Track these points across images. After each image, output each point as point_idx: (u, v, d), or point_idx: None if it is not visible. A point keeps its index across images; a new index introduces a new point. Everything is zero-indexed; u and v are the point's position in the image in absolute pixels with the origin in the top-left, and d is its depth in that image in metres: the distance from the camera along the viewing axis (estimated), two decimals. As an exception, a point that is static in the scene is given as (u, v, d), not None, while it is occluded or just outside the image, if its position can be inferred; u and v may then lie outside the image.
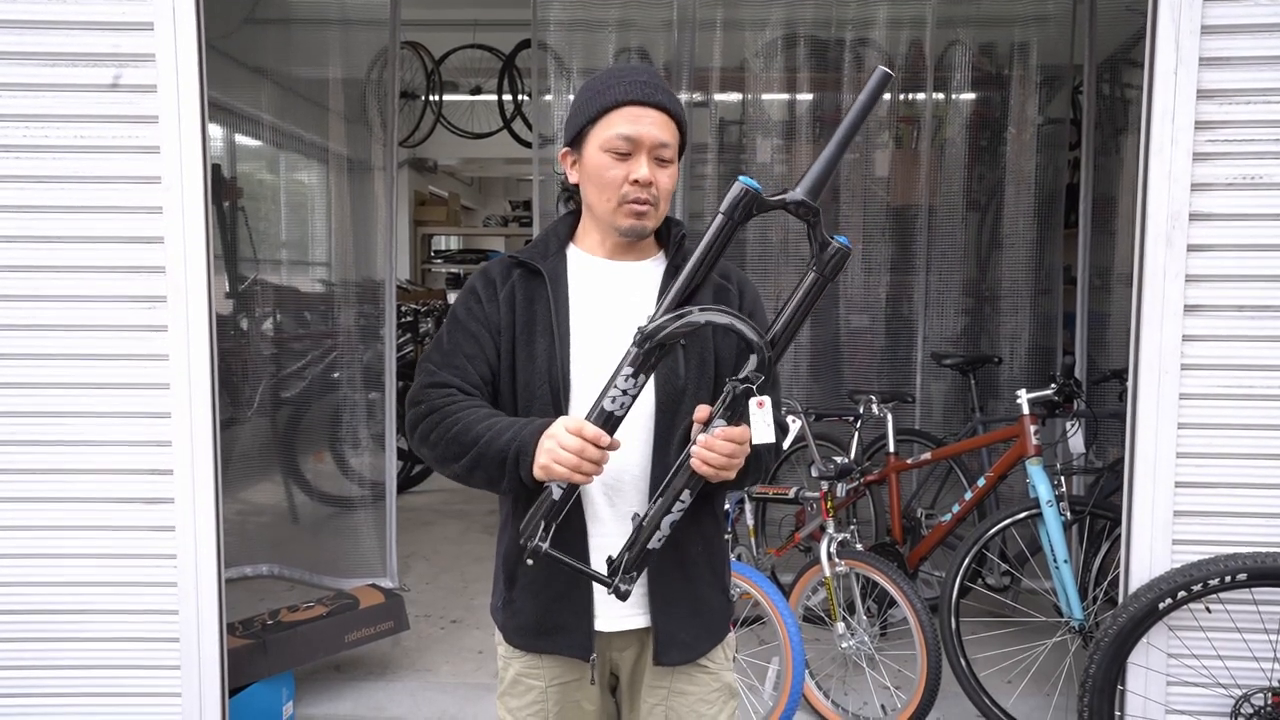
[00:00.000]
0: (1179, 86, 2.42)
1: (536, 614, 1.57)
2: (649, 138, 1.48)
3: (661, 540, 1.42)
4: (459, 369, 1.53)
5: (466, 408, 1.48)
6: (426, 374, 1.54)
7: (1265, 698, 2.50)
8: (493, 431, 1.43)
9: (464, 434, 1.45)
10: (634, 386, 1.38)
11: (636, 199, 1.49)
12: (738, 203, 1.39)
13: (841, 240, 1.43)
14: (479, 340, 1.54)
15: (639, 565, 1.44)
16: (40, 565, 2.59)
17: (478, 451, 1.43)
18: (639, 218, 1.51)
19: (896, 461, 3.74)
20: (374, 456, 4.33)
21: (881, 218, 4.45)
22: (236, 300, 4.50)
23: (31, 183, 2.50)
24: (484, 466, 1.44)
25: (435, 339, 1.59)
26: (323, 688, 3.28)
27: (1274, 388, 2.48)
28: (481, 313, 1.55)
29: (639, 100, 1.48)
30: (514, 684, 1.63)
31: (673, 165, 1.53)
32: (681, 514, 1.42)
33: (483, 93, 6.54)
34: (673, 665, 1.58)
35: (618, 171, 1.49)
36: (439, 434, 1.48)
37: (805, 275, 1.43)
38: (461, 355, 1.54)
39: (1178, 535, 2.53)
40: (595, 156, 1.51)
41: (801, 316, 1.43)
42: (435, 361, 1.55)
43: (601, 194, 1.52)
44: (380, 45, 4.28)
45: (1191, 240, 2.46)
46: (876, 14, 4.25)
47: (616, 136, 1.48)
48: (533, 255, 1.59)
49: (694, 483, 1.40)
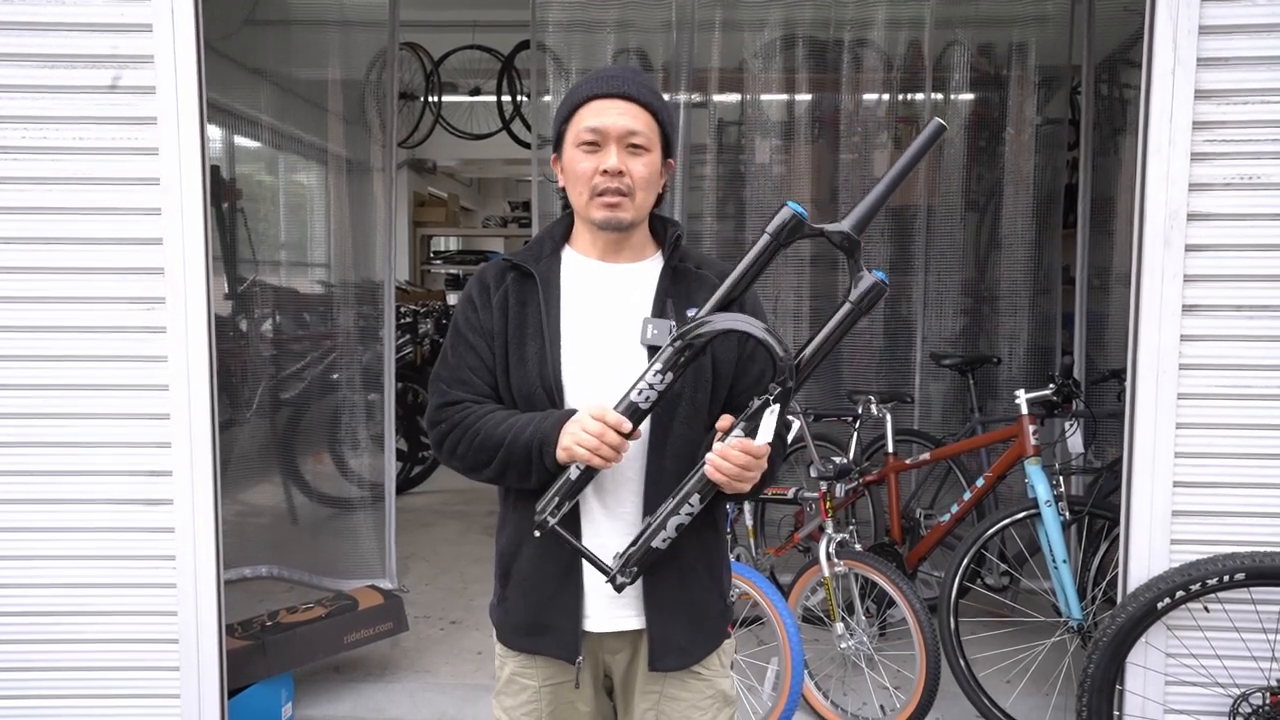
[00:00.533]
0: (1177, 87, 2.42)
1: (527, 613, 1.58)
2: (615, 127, 1.49)
3: (667, 541, 1.44)
4: (467, 383, 1.57)
5: (483, 415, 1.53)
6: (439, 394, 1.58)
7: (1263, 697, 2.51)
8: (514, 431, 1.48)
9: (487, 440, 1.50)
10: (661, 383, 1.43)
11: (607, 189, 1.50)
12: (784, 226, 1.45)
13: (879, 275, 1.45)
14: (478, 351, 1.57)
15: (641, 562, 1.45)
16: (39, 566, 2.59)
17: (504, 453, 1.49)
18: (612, 209, 1.51)
19: (895, 462, 3.74)
20: (373, 457, 4.33)
21: (880, 218, 4.44)
22: (235, 301, 4.50)
23: (30, 184, 2.50)
24: (513, 466, 1.49)
25: (442, 352, 1.63)
26: (322, 689, 3.28)
27: (1272, 387, 2.49)
28: (478, 321, 1.58)
29: (604, 93, 1.51)
30: (509, 683, 1.64)
31: (649, 154, 1.53)
32: (690, 518, 1.44)
33: (482, 94, 6.54)
34: (667, 671, 1.58)
35: (588, 164, 1.51)
36: (464, 446, 1.53)
37: (840, 305, 1.46)
38: (466, 369, 1.57)
39: (1176, 535, 2.53)
40: (570, 154, 1.54)
41: (832, 345, 1.47)
42: (445, 379, 1.59)
43: (575, 188, 1.54)
44: (379, 46, 4.28)
45: (1190, 240, 2.46)
46: (875, 15, 4.25)
47: (584, 130, 1.51)
48: (527, 258, 1.60)
49: (705, 488, 1.43)
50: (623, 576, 1.46)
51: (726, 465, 1.38)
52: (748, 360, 1.58)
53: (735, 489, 1.41)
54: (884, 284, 1.45)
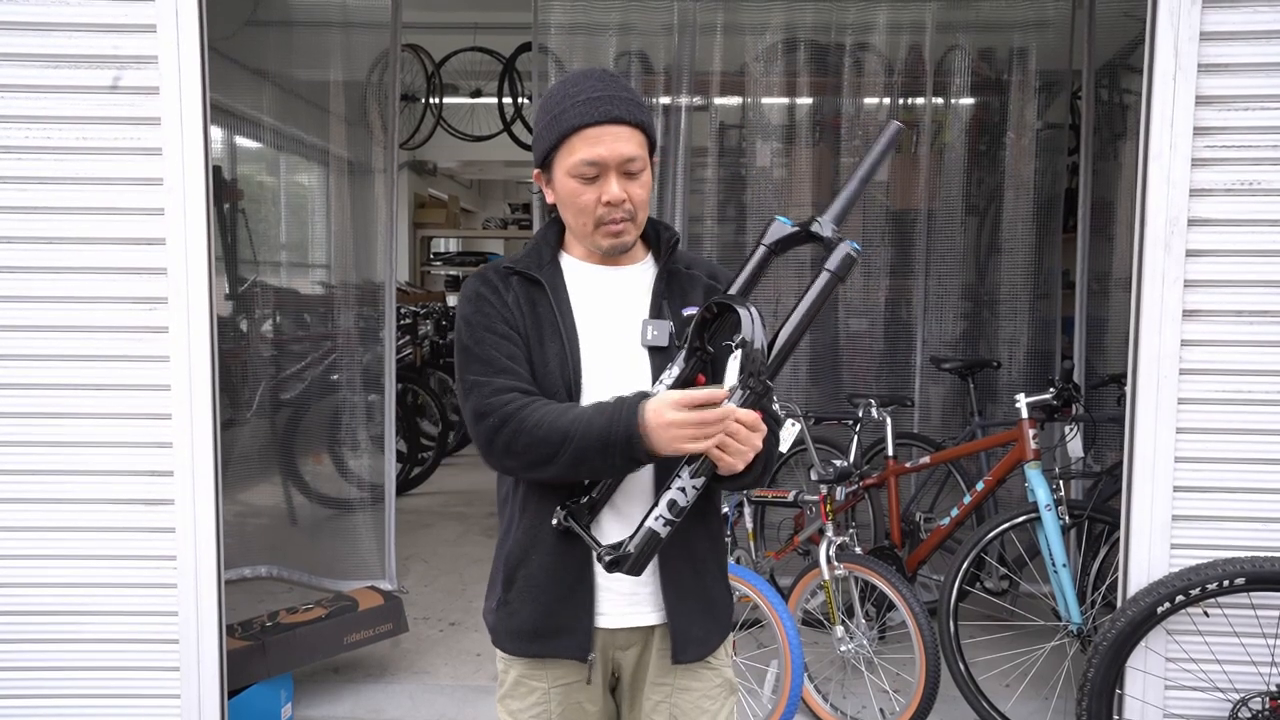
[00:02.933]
0: (1178, 92, 2.43)
1: (536, 617, 1.56)
2: (613, 157, 1.46)
3: (661, 520, 1.40)
4: (509, 371, 1.49)
5: (540, 408, 1.44)
6: (480, 387, 1.48)
7: (1263, 702, 2.51)
8: (584, 422, 1.40)
9: (551, 434, 1.41)
10: (670, 379, 1.46)
11: (612, 219, 1.49)
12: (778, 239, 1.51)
13: (852, 244, 1.46)
14: (511, 340, 1.51)
15: (639, 545, 1.40)
16: (40, 566, 2.59)
17: (577, 447, 1.39)
18: (617, 236, 1.51)
19: (895, 465, 3.75)
20: (373, 458, 4.33)
21: (881, 222, 4.46)
22: (236, 302, 4.51)
23: (33, 184, 2.51)
24: (588, 460, 1.40)
25: (463, 351, 1.52)
26: (321, 689, 3.28)
27: (1272, 393, 2.49)
28: (498, 315, 1.53)
29: (596, 121, 1.46)
30: (516, 685, 1.62)
31: (644, 173, 1.51)
32: (682, 493, 1.39)
33: (483, 95, 6.55)
34: (689, 662, 1.58)
35: (589, 196, 1.48)
36: (524, 441, 1.43)
37: (817, 275, 1.46)
38: (503, 358, 1.50)
39: (1176, 539, 2.54)
40: (564, 182, 1.50)
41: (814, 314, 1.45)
42: (479, 373, 1.49)
43: (578, 219, 1.52)
44: (381, 48, 4.29)
45: (1190, 245, 2.47)
46: (876, 19, 4.26)
47: (581, 163, 1.46)
48: (528, 265, 1.58)
49: (698, 464, 1.38)
50: (608, 555, 1.41)
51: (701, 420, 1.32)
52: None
53: (728, 464, 1.36)
54: (857, 251, 1.46)
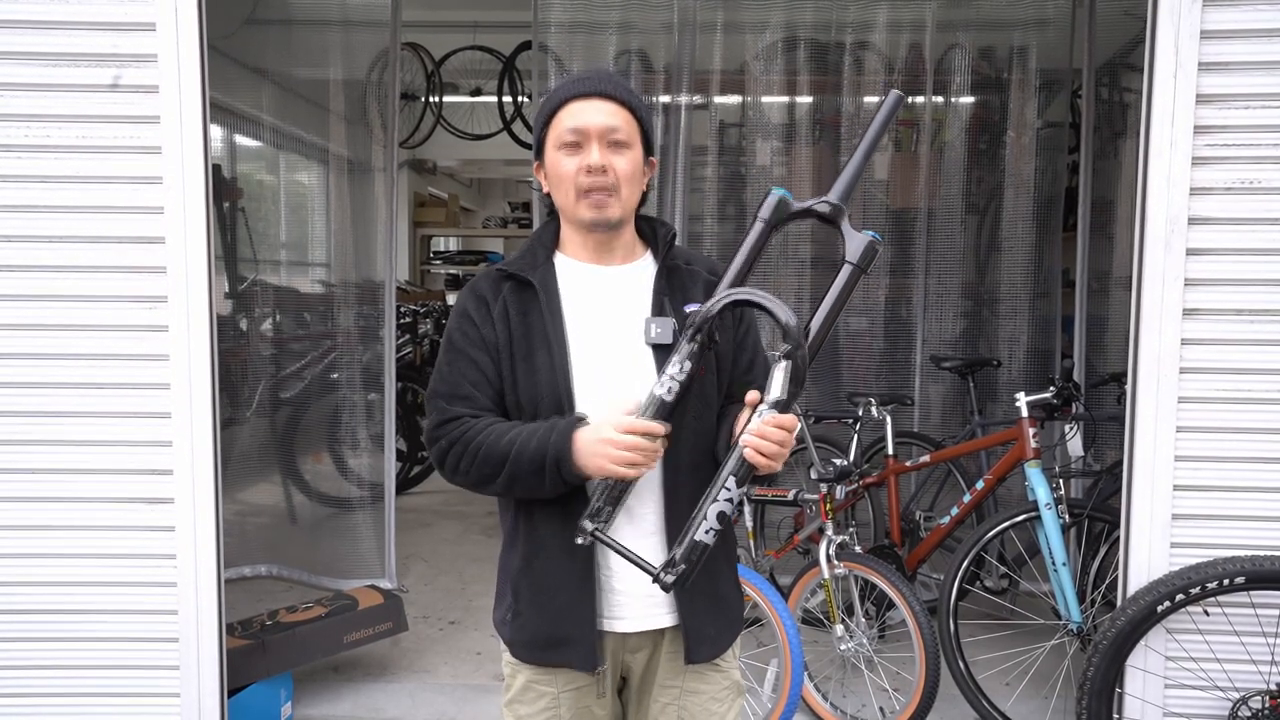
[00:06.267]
0: (1178, 91, 2.43)
1: (542, 627, 1.56)
2: (595, 125, 1.50)
3: (710, 532, 1.41)
4: (467, 398, 1.54)
5: (483, 429, 1.50)
6: (438, 411, 1.55)
7: (1262, 700, 2.51)
8: (518, 444, 1.46)
9: (490, 454, 1.48)
10: (681, 373, 1.44)
11: (592, 187, 1.50)
12: (774, 209, 1.50)
13: (872, 234, 1.46)
14: (479, 365, 1.55)
15: (688, 559, 1.41)
16: (40, 565, 2.59)
17: (511, 467, 1.46)
18: (599, 208, 1.52)
19: (895, 464, 3.75)
20: (373, 457, 4.33)
21: (881, 221, 4.45)
22: (236, 301, 4.51)
23: (33, 182, 2.51)
24: (521, 479, 1.47)
25: (437, 368, 1.59)
26: (321, 688, 3.28)
27: (1272, 391, 2.49)
28: (477, 335, 1.55)
29: (580, 94, 1.52)
30: (524, 690, 1.61)
31: (631, 150, 1.53)
32: (730, 504, 1.41)
33: (483, 94, 6.55)
34: (702, 662, 1.58)
35: (571, 163, 1.51)
36: (466, 462, 1.50)
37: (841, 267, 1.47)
38: (466, 384, 1.55)
39: (1176, 538, 2.54)
40: (553, 159, 1.54)
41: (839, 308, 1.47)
42: (442, 395, 1.56)
43: (560, 189, 1.54)
44: (381, 46, 4.28)
45: (1190, 244, 2.47)
46: (876, 17, 4.26)
47: (565, 130, 1.52)
48: (522, 267, 1.58)
49: (742, 471, 1.40)
50: (667, 575, 1.42)
51: (767, 445, 1.36)
52: (737, 348, 1.59)
53: (771, 468, 1.40)
54: (878, 240, 1.47)
